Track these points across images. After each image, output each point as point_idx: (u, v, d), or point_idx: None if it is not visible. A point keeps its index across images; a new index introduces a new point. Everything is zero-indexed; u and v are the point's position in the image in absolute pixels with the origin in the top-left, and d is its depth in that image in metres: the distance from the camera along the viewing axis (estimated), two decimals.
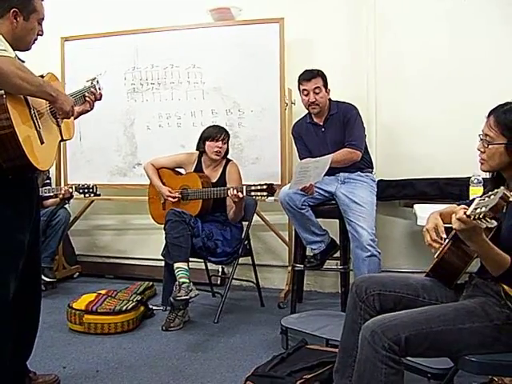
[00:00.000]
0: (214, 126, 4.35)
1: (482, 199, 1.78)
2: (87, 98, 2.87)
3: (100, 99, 2.95)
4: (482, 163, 2.17)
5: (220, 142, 4.19)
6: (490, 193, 1.74)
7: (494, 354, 1.97)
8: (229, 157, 4.44)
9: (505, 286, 2.02)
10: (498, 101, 2.17)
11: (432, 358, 2.07)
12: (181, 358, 3.35)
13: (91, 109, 2.91)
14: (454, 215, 1.86)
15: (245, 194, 3.92)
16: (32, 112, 2.33)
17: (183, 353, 3.42)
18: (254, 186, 3.93)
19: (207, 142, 4.20)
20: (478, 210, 1.73)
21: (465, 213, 1.80)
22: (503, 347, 1.98)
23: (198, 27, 4.87)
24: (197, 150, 4.32)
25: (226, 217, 4.24)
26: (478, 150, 2.17)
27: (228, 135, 4.28)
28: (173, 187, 4.30)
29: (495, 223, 1.73)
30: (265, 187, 3.89)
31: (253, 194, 3.91)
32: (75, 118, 2.88)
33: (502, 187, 1.71)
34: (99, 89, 2.96)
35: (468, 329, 1.96)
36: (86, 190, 4.66)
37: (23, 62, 2.36)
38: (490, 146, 2.10)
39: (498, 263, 1.93)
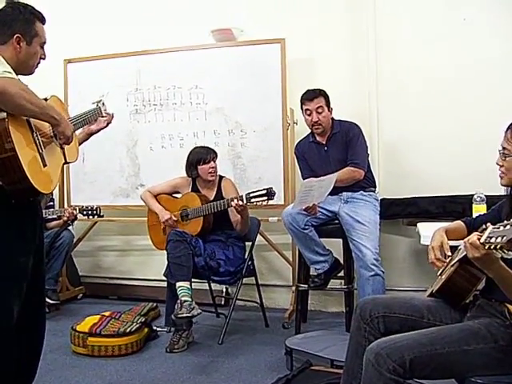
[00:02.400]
0: (199, 148, 4.35)
1: (496, 228, 1.71)
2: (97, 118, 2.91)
3: (111, 120, 2.99)
4: (501, 177, 2.17)
5: (212, 162, 4.21)
6: (506, 222, 1.68)
7: (499, 376, 1.95)
8: (230, 176, 4.46)
9: (509, 306, 2.01)
10: (500, 119, 2.18)
11: (437, 379, 2.05)
12: (185, 380, 3.33)
13: (105, 126, 2.98)
14: (465, 240, 1.82)
15: (245, 201, 3.92)
16: (34, 135, 2.33)
17: (188, 375, 3.40)
18: (253, 192, 3.93)
19: (199, 167, 4.20)
20: (493, 240, 1.67)
21: (479, 239, 1.75)
22: (509, 368, 1.96)
23: (199, 48, 4.91)
24: (189, 176, 4.32)
25: (227, 236, 4.24)
26: (497, 164, 2.17)
27: (215, 152, 4.29)
28: (172, 210, 4.31)
29: None
30: (264, 192, 3.90)
31: (253, 200, 3.91)
32: (85, 141, 2.92)
33: None
34: (105, 110, 2.98)
35: (473, 350, 1.94)
36: (90, 212, 4.68)
37: (25, 86, 2.37)
38: (507, 159, 2.11)
39: None
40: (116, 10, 5.36)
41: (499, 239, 1.65)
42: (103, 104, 2.99)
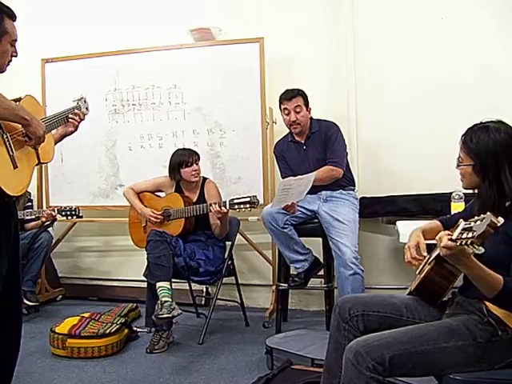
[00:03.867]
0: (181, 150, 4.31)
1: (467, 223, 1.75)
2: (71, 120, 2.83)
3: (83, 119, 2.90)
4: (461, 181, 2.23)
5: (194, 165, 4.19)
6: (476, 218, 1.72)
7: (478, 372, 1.96)
8: (209, 176, 4.47)
9: (487, 303, 2.02)
10: (479, 118, 2.20)
11: (417, 377, 2.07)
12: (166, 380, 3.31)
13: (75, 130, 2.86)
14: (438, 240, 1.84)
15: (228, 207, 3.92)
16: (4, 136, 2.29)
17: (168, 376, 3.39)
18: (237, 198, 3.94)
19: (182, 170, 4.18)
20: (465, 236, 1.71)
21: (450, 239, 1.77)
22: (487, 365, 1.97)
23: (178, 48, 4.90)
24: (172, 179, 4.29)
25: (208, 236, 4.23)
26: (456, 168, 2.23)
27: (198, 154, 4.27)
28: (155, 209, 4.29)
29: (483, 250, 1.70)
30: (247, 199, 3.90)
31: (236, 207, 3.92)
32: (58, 141, 2.84)
33: (488, 213, 1.68)
34: (86, 108, 2.92)
35: (452, 347, 1.96)
36: (69, 213, 4.64)
37: None
38: (460, 167, 2.18)
39: (490, 284, 1.91)
40: (94, 10, 5.32)
41: (470, 234, 1.69)
42: (85, 101, 2.92)
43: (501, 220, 1.66)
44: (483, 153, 2.07)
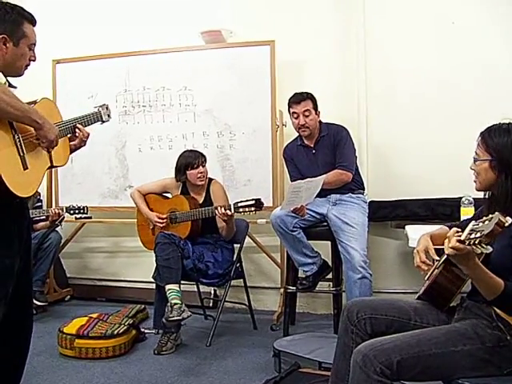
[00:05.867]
0: (188, 152, 4.31)
1: (476, 224, 1.76)
2: (76, 130, 2.68)
3: (86, 138, 2.71)
4: (475, 182, 2.21)
5: (200, 167, 4.19)
6: (485, 218, 1.73)
7: (487, 378, 1.95)
8: (218, 178, 4.47)
9: (496, 308, 2.02)
10: (488, 122, 2.20)
11: (424, 381, 2.06)
12: (173, 382, 3.32)
13: (79, 143, 2.71)
14: (446, 242, 1.85)
15: (233, 211, 3.93)
16: (16, 137, 2.28)
17: (175, 377, 3.39)
18: (242, 201, 3.95)
19: (188, 172, 4.19)
20: (473, 236, 1.72)
21: (459, 240, 1.78)
22: (495, 369, 1.96)
23: (189, 50, 4.91)
24: (178, 181, 4.30)
25: (216, 238, 4.23)
26: (471, 168, 2.22)
27: (204, 157, 4.27)
28: (161, 211, 4.30)
29: (491, 249, 1.71)
30: (252, 202, 3.91)
31: (241, 210, 3.93)
32: (72, 152, 2.78)
33: (496, 212, 1.69)
34: (108, 116, 2.86)
35: (460, 352, 1.95)
36: (77, 211, 4.66)
37: (15, 87, 2.34)
38: (477, 163, 2.16)
39: (491, 287, 1.92)
40: (105, 11, 5.34)
41: (478, 234, 1.70)
42: (107, 108, 2.87)
43: (509, 220, 1.66)
44: (502, 148, 2.07)
